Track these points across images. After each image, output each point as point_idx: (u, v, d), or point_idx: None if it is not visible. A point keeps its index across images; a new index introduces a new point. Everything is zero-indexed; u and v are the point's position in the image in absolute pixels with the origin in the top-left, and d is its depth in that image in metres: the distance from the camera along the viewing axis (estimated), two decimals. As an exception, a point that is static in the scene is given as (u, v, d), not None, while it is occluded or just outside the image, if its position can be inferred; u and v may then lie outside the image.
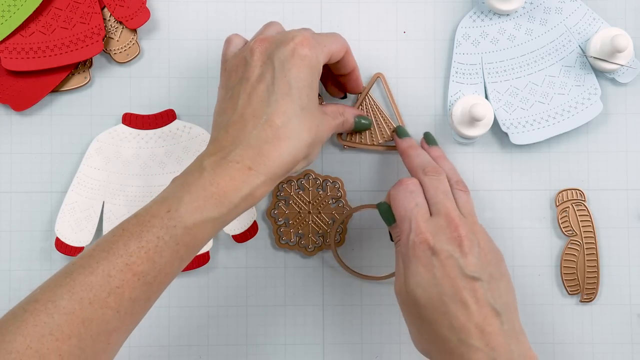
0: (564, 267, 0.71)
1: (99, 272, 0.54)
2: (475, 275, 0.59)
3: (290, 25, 0.71)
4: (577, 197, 0.71)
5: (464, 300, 0.58)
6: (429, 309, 0.59)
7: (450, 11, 0.72)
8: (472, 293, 0.59)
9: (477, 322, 0.58)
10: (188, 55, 0.72)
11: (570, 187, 0.71)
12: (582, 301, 0.71)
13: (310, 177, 0.71)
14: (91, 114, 0.71)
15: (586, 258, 0.71)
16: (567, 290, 0.71)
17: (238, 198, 0.58)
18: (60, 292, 0.54)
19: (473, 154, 0.72)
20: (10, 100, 0.69)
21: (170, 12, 0.72)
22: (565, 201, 0.71)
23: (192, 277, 0.71)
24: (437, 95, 0.72)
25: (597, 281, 0.71)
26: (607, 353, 0.72)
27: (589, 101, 0.71)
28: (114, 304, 0.54)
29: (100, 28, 0.69)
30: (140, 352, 0.71)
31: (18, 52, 0.69)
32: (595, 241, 0.71)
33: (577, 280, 0.71)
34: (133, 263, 0.55)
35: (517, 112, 0.71)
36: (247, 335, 0.71)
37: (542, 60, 0.71)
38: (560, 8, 0.72)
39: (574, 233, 0.71)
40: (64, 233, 0.69)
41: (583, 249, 0.71)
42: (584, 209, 0.71)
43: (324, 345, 0.72)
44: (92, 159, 0.70)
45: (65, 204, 0.69)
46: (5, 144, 0.71)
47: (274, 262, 0.72)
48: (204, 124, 0.71)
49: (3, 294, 0.70)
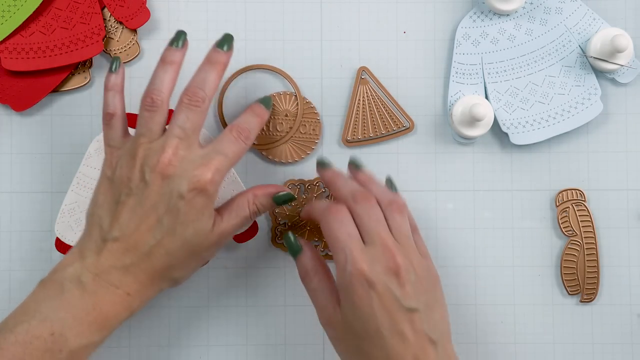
0: (564, 267, 0.71)
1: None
2: (413, 306, 0.58)
3: (291, 25, 0.72)
4: (577, 197, 0.71)
5: (402, 332, 0.57)
6: (366, 340, 0.58)
7: (450, 11, 0.72)
8: (410, 325, 0.58)
9: (414, 353, 0.57)
10: (188, 55, 0.71)
11: (570, 187, 0.71)
12: (582, 301, 0.71)
13: (316, 184, 0.71)
14: (91, 114, 0.71)
15: (586, 258, 0.71)
16: (567, 290, 0.71)
17: (118, 323, 0.60)
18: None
19: (473, 154, 0.72)
20: (10, 100, 0.69)
21: (170, 12, 0.72)
22: (565, 201, 0.71)
23: (192, 277, 0.71)
24: (437, 95, 0.72)
25: (597, 281, 0.71)
26: (607, 353, 0.72)
27: (589, 101, 0.71)
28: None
29: (100, 28, 0.69)
30: (140, 352, 0.71)
31: (18, 52, 0.69)
32: (596, 241, 0.71)
33: (577, 280, 0.71)
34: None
35: (517, 112, 0.71)
36: (247, 335, 0.71)
37: (542, 61, 0.71)
38: (560, 8, 0.72)
39: (574, 233, 0.71)
40: (63, 233, 0.69)
41: (583, 249, 0.71)
42: (584, 209, 0.71)
43: (324, 345, 0.72)
44: (91, 159, 0.70)
45: (65, 204, 0.69)
46: (5, 144, 0.71)
47: (274, 262, 0.72)
48: (204, 124, 0.71)
49: (3, 294, 0.70)
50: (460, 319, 0.71)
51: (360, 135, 0.71)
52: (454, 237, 0.72)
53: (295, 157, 0.71)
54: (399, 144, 0.72)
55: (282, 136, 0.71)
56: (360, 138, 0.71)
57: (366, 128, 0.71)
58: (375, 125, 0.71)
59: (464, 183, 0.72)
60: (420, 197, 0.72)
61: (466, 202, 0.72)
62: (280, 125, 0.71)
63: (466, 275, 0.72)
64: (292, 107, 0.71)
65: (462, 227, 0.72)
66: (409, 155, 0.72)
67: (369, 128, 0.71)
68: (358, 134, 0.71)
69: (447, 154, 0.72)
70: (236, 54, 0.71)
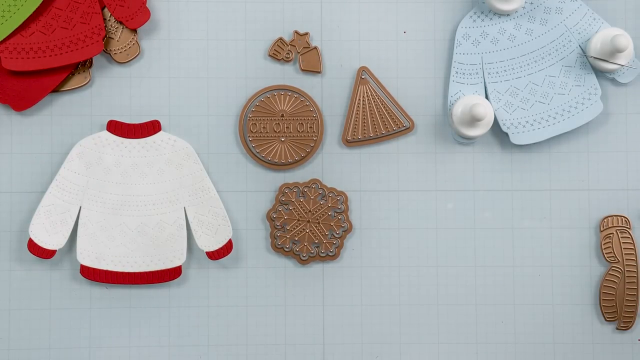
0: (603, 294, 0.70)
1: None
2: None
3: (291, 26, 0.72)
4: (622, 224, 0.71)
5: None
6: None
7: (450, 11, 0.72)
8: None
9: None
10: (188, 55, 0.72)
11: (615, 214, 0.71)
12: (619, 329, 0.71)
13: (313, 186, 0.71)
14: (91, 114, 0.71)
15: (626, 286, 0.70)
16: (605, 317, 0.71)
17: None
18: None
19: (473, 154, 0.72)
20: (10, 100, 0.69)
21: (170, 12, 0.72)
22: (610, 227, 0.71)
23: (192, 277, 0.71)
24: (437, 95, 0.72)
25: (635, 310, 0.70)
26: (607, 353, 0.72)
27: (589, 101, 0.71)
28: None
29: (100, 28, 0.69)
30: (140, 352, 0.71)
31: (18, 52, 0.69)
32: (638, 270, 0.70)
33: (615, 307, 0.70)
34: None
35: (518, 112, 0.71)
36: (247, 335, 0.71)
37: (543, 60, 0.71)
38: (560, 8, 0.71)
39: (616, 260, 0.71)
40: (37, 235, 0.69)
41: (624, 276, 0.70)
42: (628, 237, 0.71)
43: (324, 345, 0.72)
44: (73, 163, 0.70)
45: (42, 205, 0.69)
46: (5, 144, 0.71)
47: (274, 262, 0.72)
48: (202, 124, 0.71)
49: (3, 294, 0.70)
50: (460, 319, 0.71)
51: (360, 135, 0.71)
52: (454, 237, 0.72)
53: (294, 157, 0.71)
54: (399, 144, 0.72)
55: (278, 136, 0.71)
56: (360, 138, 0.71)
57: (366, 128, 0.71)
58: (375, 125, 0.71)
59: (464, 183, 0.72)
60: (420, 197, 0.72)
61: (466, 202, 0.72)
62: (277, 126, 0.71)
63: (466, 275, 0.72)
64: (288, 108, 0.71)
65: (462, 227, 0.72)
66: (409, 155, 0.72)
67: (369, 128, 0.71)
68: (358, 133, 0.71)
69: (447, 154, 0.72)
70: (236, 53, 0.72)
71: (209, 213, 0.70)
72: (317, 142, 0.71)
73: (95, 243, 0.69)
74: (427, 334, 0.72)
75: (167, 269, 0.70)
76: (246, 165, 0.71)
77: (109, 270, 0.69)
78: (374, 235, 0.72)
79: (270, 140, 0.71)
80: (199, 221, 0.70)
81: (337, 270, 0.72)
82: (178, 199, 0.70)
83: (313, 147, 0.71)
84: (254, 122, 0.71)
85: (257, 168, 0.71)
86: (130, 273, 0.69)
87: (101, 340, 0.71)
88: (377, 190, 0.72)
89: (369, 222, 0.72)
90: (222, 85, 0.71)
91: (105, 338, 0.71)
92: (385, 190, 0.72)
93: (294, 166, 0.71)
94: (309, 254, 0.71)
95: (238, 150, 0.71)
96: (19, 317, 0.70)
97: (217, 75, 0.71)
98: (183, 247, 0.70)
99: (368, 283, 0.72)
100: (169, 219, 0.70)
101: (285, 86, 0.71)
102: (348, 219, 0.71)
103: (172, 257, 0.70)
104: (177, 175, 0.70)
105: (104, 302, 0.71)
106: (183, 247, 0.70)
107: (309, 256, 0.71)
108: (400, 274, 0.72)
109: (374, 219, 0.71)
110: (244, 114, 0.71)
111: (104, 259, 0.69)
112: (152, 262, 0.70)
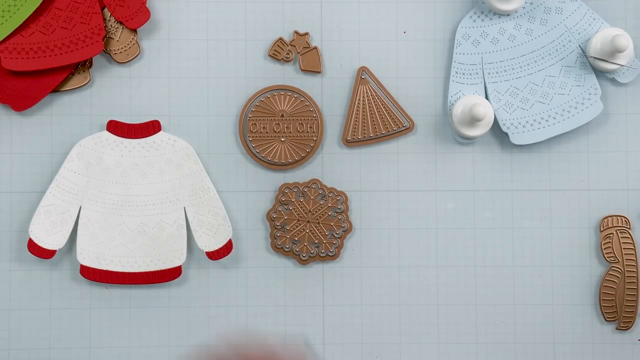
0: (603, 294, 0.70)
1: None
2: None
3: (291, 26, 0.71)
4: (622, 224, 0.71)
5: None
6: None
7: (450, 11, 0.72)
8: None
9: None
10: (188, 55, 0.72)
11: (615, 214, 0.71)
12: (619, 329, 0.71)
13: (313, 187, 0.71)
14: (91, 114, 0.71)
15: (626, 286, 0.70)
16: (605, 317, 0.70)
17: None
18: None
19: (473, 154, 0.72)
20: (10, 100, 0.69)
21: (170, 12, 0.72)
22: (609, 227, 0.71)
23: (192, 277, 0.71)
24: (437, 95, 0.72)
25: (635, 310, 0.70)
26: (607, 353, 0.72)
27: (589, 101, 0.71)
28: None
29: (100, 28, 0.69)
30: (140, 352, 0.71)
31: (18, 52, 0.69)
32: (638, 269, 0.70)
33: (615, 307, 0.70)
34: None
35: (517, 112, 0.71)
36: (246, 335, 0.71)
37: (543, 60, 0.71)
38: (560, 8, 0.71)
39: (616, 260, 0.71)
40: (37, 235, 0.69)
41: (624, 276, 0.70)
42: (628, 237, 0.71)
43: (324, 345, 0.72)
44: (72, 163, 0.70)
45: (42, 205, 0.69)
46: (5, 144, 0.71)
47: (273, 262, 0.72)
48: (202, 124, 0.71)
49: (3, 294, 0.70)
50: (460, 319, 0.71)
51: (360, 135, 0.71)
52: (454, 237, 0.72)
53: (294, 157, 0.71)
54: (399, 144, 0.72)
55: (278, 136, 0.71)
56: (360, 138, 0.71)
57: (366, 128, 0.71)
58: (375, 125, 0.71)
59: (464, 183, 0.72)
60: (420, 197, 0.72)
61: (466, 202, 0.72)
62: (277, 126, 0.71)
63: (466, 275, 0.72)
64: (288, 108, 0.71)
65: (462, 227, 0.72)
66: (409, 155, 0.72)
67: (369, 128, 0.71)
68: (358, 134, 0.71)
69: (447, 154, 0.72)
70: (236, 53, 0.72)
71: (209, 213, 0.70)
72: (317, 142, 0.71)
73: (95, 243, 0.69)
74: (427, 334, 0.72)
75: (167, 269, 0.70)
76: (246, 165, 0.71)
77: (109, 270, 0.69)
78: (374, 235, 0.72)
79: (270, 140, 0.71)
80: (199, 221, 0.70)
81: (337, 270, 0.72)
82: (178, 199, 0.70)
83: (313, 147, 0.71)
84: (254, 122, 0.71)
85: (257, 168, 0.71)
86: (130, 273, 0.69)
87: (101, 340, 0.71)
88: (377, 190, 0.72)
89: (369, 222, 0.72)
90: (222, 85, 0.71)
91: (105, 338, 0.71)
92: (385, 190, 0.72)
93: (294, 166, 0.71)
94: (309, 254, 0.71)
95: (238, 150, 0.72)
96: (19, 317, 0.70)
97: (217, 75, 0.71)
98: (183, 247, 0.70)
99: (368, 283, 0.72)
100: (169, 219, 0.70)
101: (285, 86, 0.71)
102: (348, 219, 0.71)
103: (172, 257, 0.70)
104: (177, 175, 0.70)
105: (104, 302, 0.71)
106: (183, 247, 0.70)
107: (309, 256, 0.71)
108: (400, 274, 0.72)
109: (374, 219, 0.72)
110: (244, 114, 0.71)
111: (104, 259, 0.69)
112: (152, 262, 0.70)
